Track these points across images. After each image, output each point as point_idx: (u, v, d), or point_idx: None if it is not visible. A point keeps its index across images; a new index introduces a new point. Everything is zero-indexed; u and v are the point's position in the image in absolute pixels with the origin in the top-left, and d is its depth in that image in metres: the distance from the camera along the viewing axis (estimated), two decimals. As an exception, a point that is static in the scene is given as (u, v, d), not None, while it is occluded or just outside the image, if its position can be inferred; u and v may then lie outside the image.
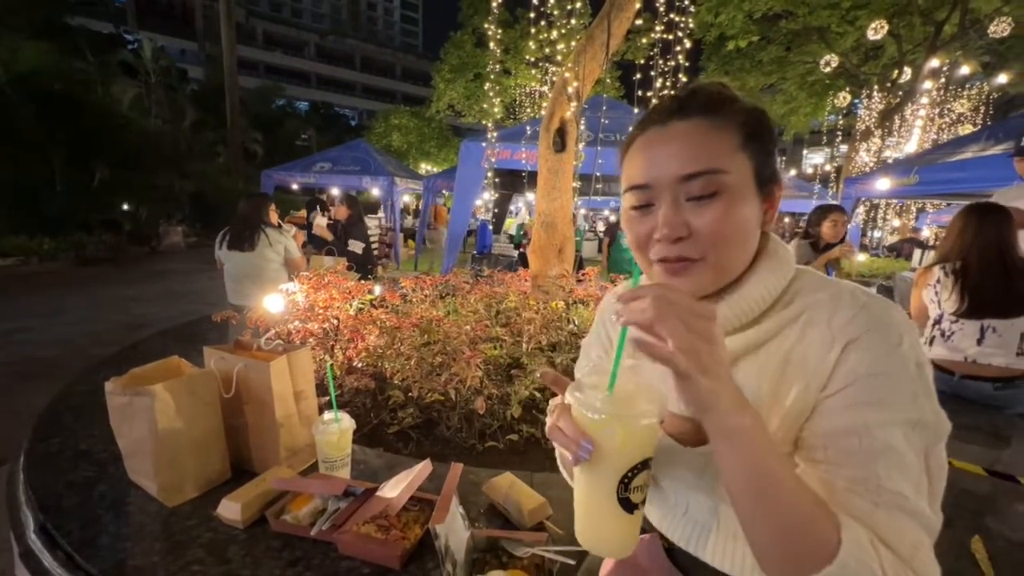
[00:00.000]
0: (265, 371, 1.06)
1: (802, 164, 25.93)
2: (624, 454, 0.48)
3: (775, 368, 0.53)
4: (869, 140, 9.90)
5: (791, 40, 10.85)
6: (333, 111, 35.22)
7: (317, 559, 0.87)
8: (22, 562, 0.91)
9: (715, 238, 0.51)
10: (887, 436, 0.45)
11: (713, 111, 0.52)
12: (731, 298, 0.56)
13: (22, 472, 1.11)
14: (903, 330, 0.49)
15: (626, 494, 0.48)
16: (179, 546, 0.90)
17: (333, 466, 1.07)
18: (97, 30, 16.39)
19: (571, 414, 0.49)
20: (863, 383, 0.47)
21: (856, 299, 0.51)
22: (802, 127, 13.46)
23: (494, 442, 1.39)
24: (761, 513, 0.43)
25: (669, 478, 0.65)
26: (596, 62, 2.63)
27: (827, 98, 11.42)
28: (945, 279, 1.87)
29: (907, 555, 0.42)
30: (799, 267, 0.58)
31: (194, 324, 2.43)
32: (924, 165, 5.05)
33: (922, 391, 0.47)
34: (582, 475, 0.51)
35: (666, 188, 0.52)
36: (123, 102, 12.38)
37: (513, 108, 14.13)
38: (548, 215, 2.51)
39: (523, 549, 0.86)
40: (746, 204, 0.52)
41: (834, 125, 12.96)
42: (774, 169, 0.55)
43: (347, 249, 3.96)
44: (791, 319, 0.54)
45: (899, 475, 0.44)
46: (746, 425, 0.42)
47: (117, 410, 1.01)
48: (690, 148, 0.51)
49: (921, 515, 0.44)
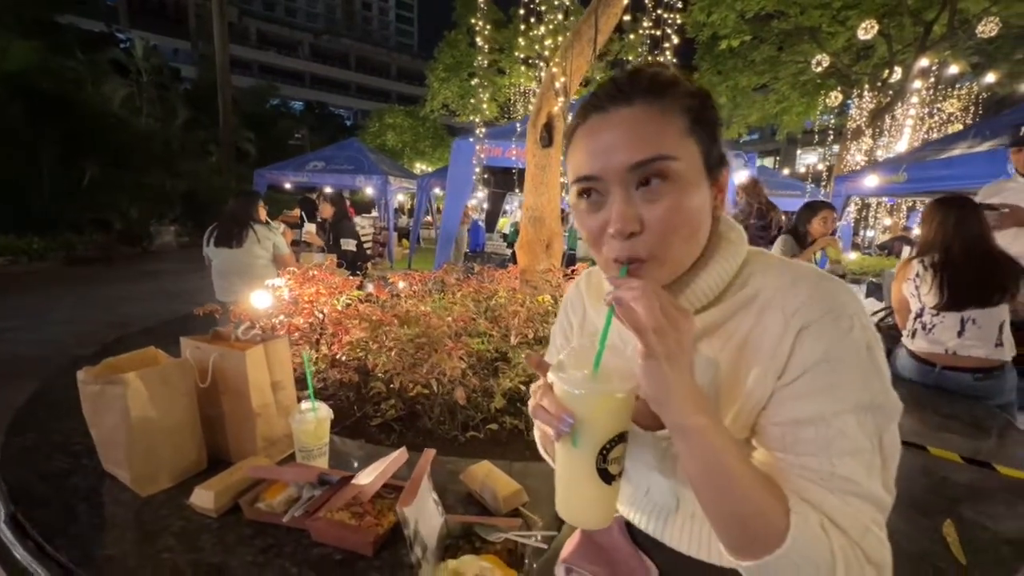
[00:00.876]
0: (241, 360, 1.06)
1: (796, 163, 26.12)
2: (602, 427, 0.50)
3: (733, 350, 0.53)
4: (860, 139, 9.97)
5: (783, 40, 10.91)
6: (328, 111, 35.14)
7: (290, 546, 0.87)
8: (-9, 552, 0.90)
9: (667, 232, 0.50)
10: (840, 423, 0.46)
11: (657, 95, 0.51)
12: (688, 285, 0.56)
13: (-5, 464, 1.10)
14: (853, 313, 0.49)
15: (604, 465, 0.51)
16: (151, 535, 0.89)
17: (310, 455, 1.07)
18: (88, 28, 16.30)
19: (553, 392, 0.51)
20: (817, 371, 0.48)
21: (808, 281, 0.51)
22: (795, 126, 13.55)
23: (475, 432, 1.39)
24: (714, 502, 0.45)
25: (631, 460, 0.65)
26: (584, 58, 2.64)
27: (819, 97, 11.49)
28: (924, 272, 1.88)
29: (858, 536, 0.43)
30: (752, 248, 0.59)
31: (179, 321, 2.42)
32: (913, 163, 5.10)
33: (873, 373, 0.48)
34: (563, 449, 0.53)
35: (615, 179, 0.51)
36: (114, 101, 12.28)
37: (507, 107, 14.14)
38: (536, 210, 2.51)
39: (496, 534, 0.86)
40: (697, 192, 0.51)
41: (827, 124, 13.04)
42: (721, 152, 0.55)
43: (340, 248, 3.95)
44: (746, 301, 0.54)
45: (851, 460, 0.45)
46: (700, 424, 0.44)
47: (89, 399, 1.00)
48: (636, 135, 0.50)
49: (872, 496, 0.45)
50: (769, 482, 0.45)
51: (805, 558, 0.41)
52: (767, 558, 0.41)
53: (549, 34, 2.90)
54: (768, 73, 11.54)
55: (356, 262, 3.96)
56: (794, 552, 0.41)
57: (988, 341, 1.76)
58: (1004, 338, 1.77)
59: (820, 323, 0.48)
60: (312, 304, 1.81)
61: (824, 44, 10.05)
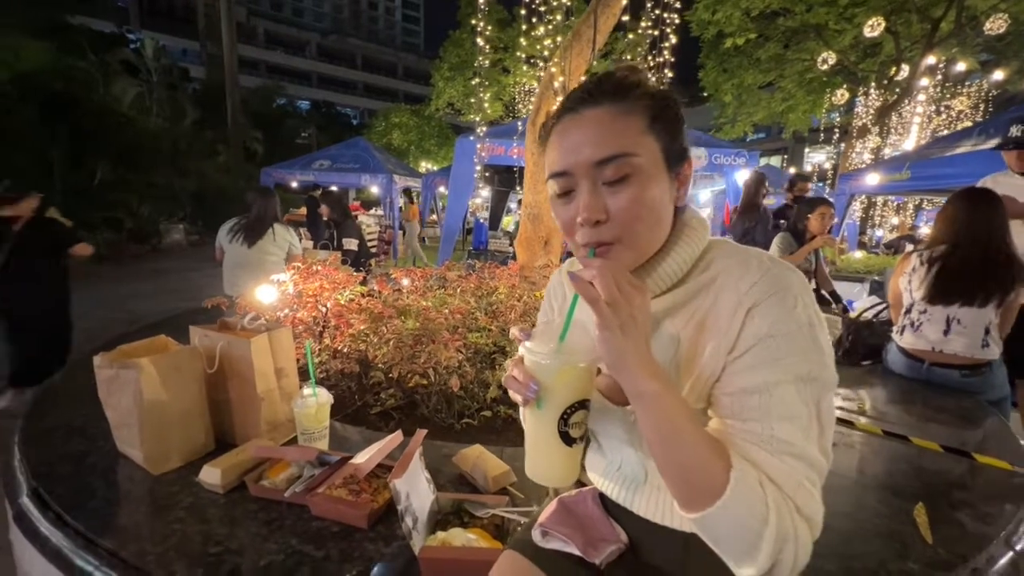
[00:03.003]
0: (246, 348, 1.12)
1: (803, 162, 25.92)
2: (563, 394, 0.56)
3: (693, 327, 0.58)
4: (866, 137, 9.91)
5: (789, 38, 10.84)
6: (335, 110, 35.32)
7: (291, 520, 0.93)
8: (15, 523, 0.97)
9: (630, 219, 0.56)
10: (781, 392, 0.51)
11: (620, 97, 0.56)
12: (652, 270, 0.61)
13: (16, 446, 1.17)
14: (798, 292, 0.54)
15: (565, 428, 0.57)
16: (162, 509, 0.95)
17: (311, 438, 1.13)
18: (99, 29, 16.49)
19: (523, 363, 0.57)
20: (762, 345, 0.52)
21: (761, 265, 0.56)
22: (801, 125, 13.45)
23: (470, 420, 1.44)
24: (664, 458, 0.50)
25: (605, 436, 0.70)
26: (583, 58, 2.68)
27: (825, 95, 11.42)
28: (920, 267, 1.91)
29: (791, 491, 0.48)
30: (714, 238, 0.64)
31: (188, 314, 2.49)
32: (916, 160, 5.08)
33: (812, 348, 0.52)
34: (530, 415, 0.59)
35: (584, 174, 0.56)
36: (124, 101, 12.43)
37: (512, 106, 14.17)
38: (534, 207, 2.56)
39: (484, 511, 0.91)
40: (657, 184, 0.56)
41: (833, 123, 12.93)
42: (682, 148, 0.60)
43: (344, 248, 4.00)
44: (707, 283, 0.59)
45: (789, 425, 0.50)
46: (653, 389, 0.49)
47: (105, 383, 1.07)
48: (601, 134, 0.55)
49: (806, 456, 0.50)
50: (715, 442, 0.50)
51: (742, 508, 0.46)
52: (709, 509, 0.46)
53: (549, 34, 2.94)
54: (774, 71, 11.48)
55: (360, 259, 4.02)
56: (732, 502, 0.46)
57: (974, 341, 1.78)
58: (991, 339, 1.79)
59: (768, 302, 0.53)
60: (316, 298, 1.87)
61: (830, 42, 9.99)
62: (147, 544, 0.85)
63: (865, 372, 2.08)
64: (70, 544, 0.87)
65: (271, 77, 33.07)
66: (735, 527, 0.46)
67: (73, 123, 9.42)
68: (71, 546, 0.86)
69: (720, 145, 5.90)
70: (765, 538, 0.45)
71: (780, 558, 0.45)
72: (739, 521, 0.46)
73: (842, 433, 1.45)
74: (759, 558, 0.45)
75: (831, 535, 0.96)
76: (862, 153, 10.09)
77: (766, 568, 0.46)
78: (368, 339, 1.68)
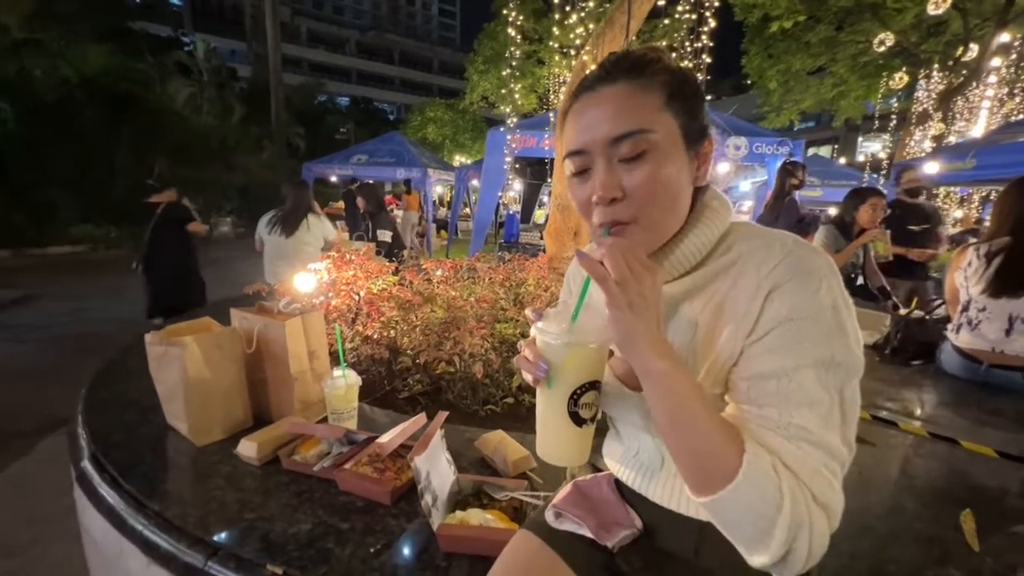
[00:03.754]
0: (281, 330, 1.18)
1: (856, 152, 24.35)
2: (573, 374, 0.56)
3: (712, 312, 0.57)
4: (926, 124, 9.20)
5: (842, 19, 10.16)
6: (372, 105, 36.09)
7: (319, 493, 0.98)
8: (78, 484, 1.06)
9: (646, 197, 0.55)
10: (800, 377, 0.49)
11: (637, 74, 0.55)
12: (670, 252, 0.59)
13: (80, 415, 1.28)
14: (823, 275, 0.51)
15: (575, 409, 0.57)
16: (204, 477, 1.02)
17: (340, 417, 1.18)
18: (156, 33, 17.48)
19: (535, 344, 0.57)
20: (782, 329, 0.50)
21: (784, 247, 0.54)
22: (853, 112, 12.66)
23: (493, 407, 1.46)
24: (675, 440, 0.49)
25: (623, 422, 0.70)
26: (616, 45, 2.62)
27: (881, 80, 10.67)
28: (977, 262, 1.78)
29: (807, 478, 0.46)
30: (738, 220, 0.61)
31: (231, 300, 2.63)
32: (984, 147, 4.68)
33: (836, 332, 0.50)
34: (541, 394, 0.59)
35: (599, 152, 0.55)
36: (178, 100, 13.17)
37: (546, 99, 14.03)
38: (563, 198, 2.54)
39: (503, 493, 0.93)
40: (674, 162, 0.55)
41: (891, 109, 12.06)
42: (703, 126, 0.58)
43: (377, 240, 4.11)
44: (727, 266, 0.57)
45: (808, 411, 0.48)
46: (663, 368, 0.48)
47: (155, 359, 1.15)
48: (617, 111, 0.54)
49: (825, 444, 0.48)
50: (727, 425, 0.49)
51: (754, 493, 0.44)
52: (720, 492, 0.45)
53: (581, 22, 2.89)
54: (824, 55, 10.82)
55: (393, 251, 4.12)
56: (744, 486, 0.44)
57: None
58: None
59: (788, 285, 0.51)
60: (349, 286, 1.93)
61: (889, 22, 9.31)
62: (190, 508, 0.91)
63: (915, 372, 1.96)
64: (123, 504, 0.94)
65: (312, 74, 34.11)
66: (747, 512, 0.45)
67: (133, 122, 10.07)
68: (124, 506, 0.94)
69: (761, 134, 5.63)
70: (778, 524, 0.43)
71: (794, 546, 0.44)
72: (751, 506, 0.44)
73: (884, 434, 1.38)
74: (771, 545, 0.44)
75: (866, 537, 0.92)
76: (922, 141, 9.39)
77: (779, 556, 0.44)
78: (397, 326, 1.73)
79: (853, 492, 0.47)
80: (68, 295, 5.67)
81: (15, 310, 4.96)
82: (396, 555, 0.81)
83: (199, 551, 0.82)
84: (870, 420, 1.46)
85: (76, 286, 6.25)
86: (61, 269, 7.39)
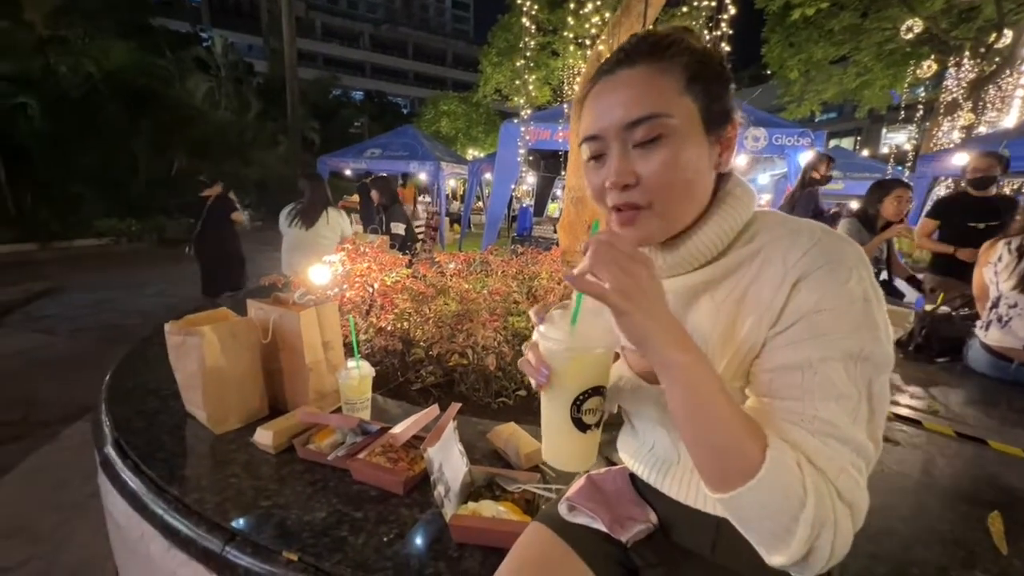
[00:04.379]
0: (296, 321, 1.19)
1: (880, 144, 23.60)
2: (576, 379, 0.55)
3: (733, 303, 0.55)
4: (955, 114, 8.87)
5: (868, 6, 9.82)
6: (386, 99, 36.17)
7: (333, 482, 0.99)
8: (101, 469, 1.09)
9: (660, 184, 0.53)
10: (827, 370, 0.47)
11: (656, 56, 0.53)
12: (687, 241, 0.57)
13: (103, 402, 1.31)
14: (853, 265, 0.49)
15: (578, 415, 0.55)
16: (221, 464, 1.04)
17: (354, 408, 1.18)
18: (176, 29, 17.74)
19: (538, 347, 0.56)
20: (808, 320, 0.48)
21: (812, 235, 0.52)
22: (878, 102, 12.24)
23: (506, 399, 1.46)
24: (693, 434, 0.48)
25: (639, 417, 0.69)
26: (632, 33, 2.57)
27: (908, 68, 10.30)
28: (1008, 256, 1.71)
29: (832, 475, 0.44)
30: (762, 209, 0.59)
31: (249, 292, 2.68)
32: (1017, 138, 4.50)
33: (865, 325, 0.48)
34: (544, 399, 0.58)
35: (614, 137, 0.54)
36: (197, 96, 13.37)
37: (560, 91, 13.88)
38: (578, 191, 2.52)
39: (516, 485, 0.93)
40: (692, 147, 0.53)
41: (917, 99, 11.62)
42: (725, 110, 0.55)
43: (391, 233, 4.14)
44: (750, 256, 0.55)
45: (835, 405, 0.46)
46: (681, 359, 0.46)
47: (174, 348, 1.17)
48: (634, 95, 0.53)
49: (852, 441, 0.46)
50: (749, 420, 0.47)
51: (776, 490, 0.43)
52: (740, 489, 0.43)
53: (596, 11, 2.84)
54: (848, 43, 10.46)
55: (406, 243, 4.14)
56: (766, 483, 0.43)
57: None
58: None
59: (817, 274, 0.49)
60: (364, 279, 1.94)
61: (917, 7, 8.96)
62: (207, 494, 0.93)
63: (940, 369, 1.90)
64: (144, 489, 0.97)
65: (327, 68, 34.25)
66: (767, 509, 0.43)
67: (153, 117, 10.26)
68: (145, 491, 0.96)
69: (780, 124, 5.48)
70: (801, 522, 0.42)
71: (816, 544, 0.42)
72: (772, 503, 0.43)
73: (907, 433, 1.34)
74: (792, 543, 0.42)
75: (889, 538, 0.89)
76: (950, 132, 9.06)
77: (800, 555, 0.42)
78: (411, 318, 1.73)
79: (875, 491, 0.45)
80: (92, 287, 5.83)
81: (43, 301, 5.12)
82: (409, 544, 0.82)
83: (217, 536, 0.84)
84: (893, 418, 1.42)
85: (100, 278, 6.42)
86: (85, 262, 7.60)
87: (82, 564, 1.59)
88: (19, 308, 4.81)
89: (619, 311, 0.46)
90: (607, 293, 0.46)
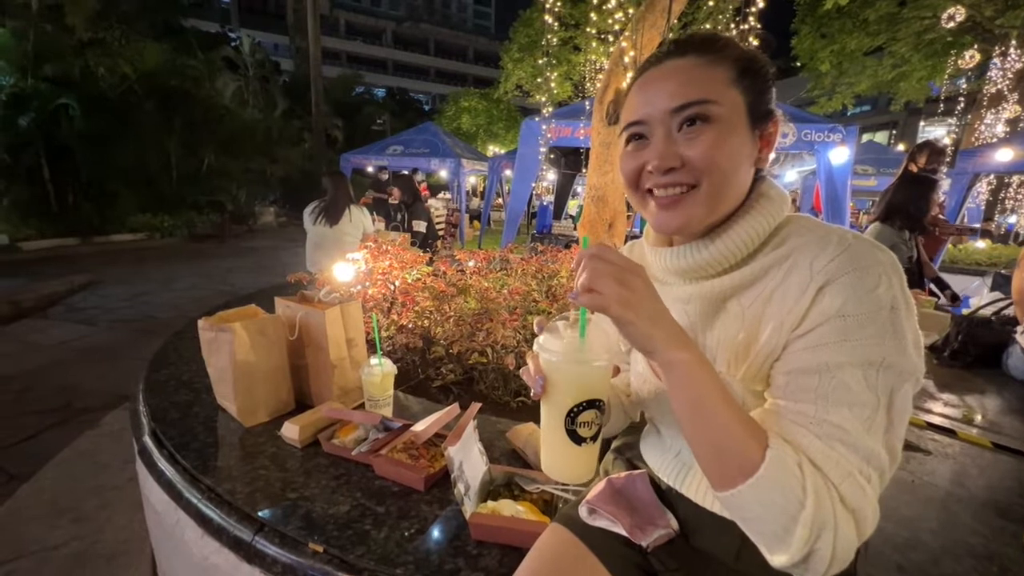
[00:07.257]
0: (321, 318, 1.22)
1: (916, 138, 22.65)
2: (570, 392, 0.55)
3: (759, 307, 0.55)
4: (1000, 106, 8.44)
5: (906, -8, 9.42)
6: (408, 96, 36.46)
7: (356, 476, 1.01)
8: (139, 457, 1.15)
9: (707, 164, 0.53)
10: (844, 375, 0.46)
11: (707, 49, 0.54)
12: (715, 240, 0.57)
13: (140, 393, 1.38)
14: (882, 272, 0.48)
15: (572, 427, 0.56)
16: (250, 455, 1.08)
17: (376, 404, 1.21)
18: (206, 30, 18.23)
19: (538, 357, 0.58)
20: (831, 324, 0.48)
21: (842, 241, 0.51)
22: (915, 95, 11.73)
23: (524, 398, 1.47)
24: (695, 433, 0.49)
25: (666, 424, 0.69)
26: (656, 30, 2.53)
27: (948, 59, 9.82)
28: (1054, 258, 1.63)
29: (837, 479, 0.44)
30: (794, 213, 0.59)
31: (275, 288, 2.75)
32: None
33: (891, 332, 0.47)
34: (542, 409, 0.59)
35: (658, 121, 0.54)
36: (226, 95, 13.73)
37: (581, 87, 13.75)
38: (599, 189, 2.50)
39: (534, 485, 0.93)
40: (737, 136, 0.53)
41: (959, 90, 11.08)
42: (770, 108, 0.56)
43: (413, 230, 4.19)
44: (779, 260, 0.54)
45: (848, 411, 0.46)
46: (683, 359, 0.47)
47: (206, 343, 1.22)
48: (682, 82, 0.53)
49: (863, 449, 0.45)
50: (749, 420, 0.47)
51: (775, 490, 0.43)
52: (740, 487, 0.44)
53: (620, 6, 2.81)
54: (884, 33, 10.04)
55: (428, 241, 4.18)
56: (764, 482, 0.43)
57: None
58: None
59: (844, 280, 0.48)
60: (385, 276, 1.98)
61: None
62: (238, 484, 0.97)
63: (977, 376, 1.82)
64: (179, 478, 1.01)
65: (350, 66, 34.71)
66: (767, 508, 0.44)
67: (185, 116, 10.59)
68: (180, 480, 1.01)
69: (810, 119, 5.31)
70: (800, 522, 0.42)
71: (816, 547, 0.42)
72: (772, 502, 0.43)
73: (940, 442, 1.30)
74: (792, 543, 0.42)
75: (917, 549, 0.87)
76: (994, 125, 8.63)
77: (800, 556, 0.43)
78: (431, 316, 1.76)
79: (904, 502, 0.45)
80: (129, 280, 6.09)
81: (84, 294, 5.37)
82: (429, 540, 0.84)
83: (247, 526, 0.87)
84: (925, 427, 1.38)
85: (136, 272, 6.70)
86: (122, 256, 7.94)
87: (120, 545, 1.67)
88: (62, 300, 5.06)
89: (623, 322, 0.47)
90: (609, 306, 0.47)
